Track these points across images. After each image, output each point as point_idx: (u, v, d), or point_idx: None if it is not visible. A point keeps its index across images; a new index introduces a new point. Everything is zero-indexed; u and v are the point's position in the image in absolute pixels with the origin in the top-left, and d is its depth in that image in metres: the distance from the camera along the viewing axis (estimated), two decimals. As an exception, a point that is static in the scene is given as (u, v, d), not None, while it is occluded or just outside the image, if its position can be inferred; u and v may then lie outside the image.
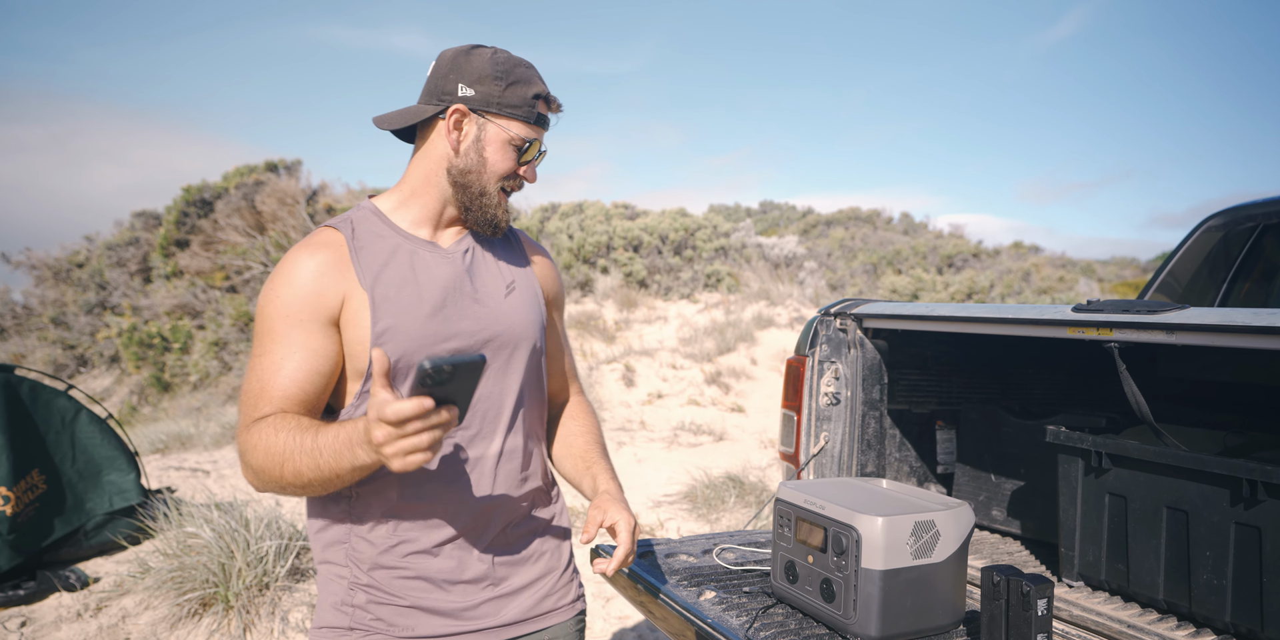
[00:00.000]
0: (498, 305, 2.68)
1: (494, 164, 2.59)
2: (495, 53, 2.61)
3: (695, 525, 8.88)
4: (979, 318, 3.55)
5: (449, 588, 2.59)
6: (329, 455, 2.18)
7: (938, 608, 2.92)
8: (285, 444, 2.24)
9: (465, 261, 2.68)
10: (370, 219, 2.64)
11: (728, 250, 27.41)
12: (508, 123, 2.57)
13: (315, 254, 2.50)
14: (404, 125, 2.64)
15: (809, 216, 48.47)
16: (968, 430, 4.48)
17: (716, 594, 3.35)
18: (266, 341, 2.44)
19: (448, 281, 2.61)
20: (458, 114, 2.57)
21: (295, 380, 2.40)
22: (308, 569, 6.54)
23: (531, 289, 2.82)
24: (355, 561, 2.59)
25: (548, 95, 2.62)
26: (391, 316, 2.48)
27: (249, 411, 2.38)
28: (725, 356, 18.68)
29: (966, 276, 28.88)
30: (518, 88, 2.57)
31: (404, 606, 2.56)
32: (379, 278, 2.51)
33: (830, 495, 3.06)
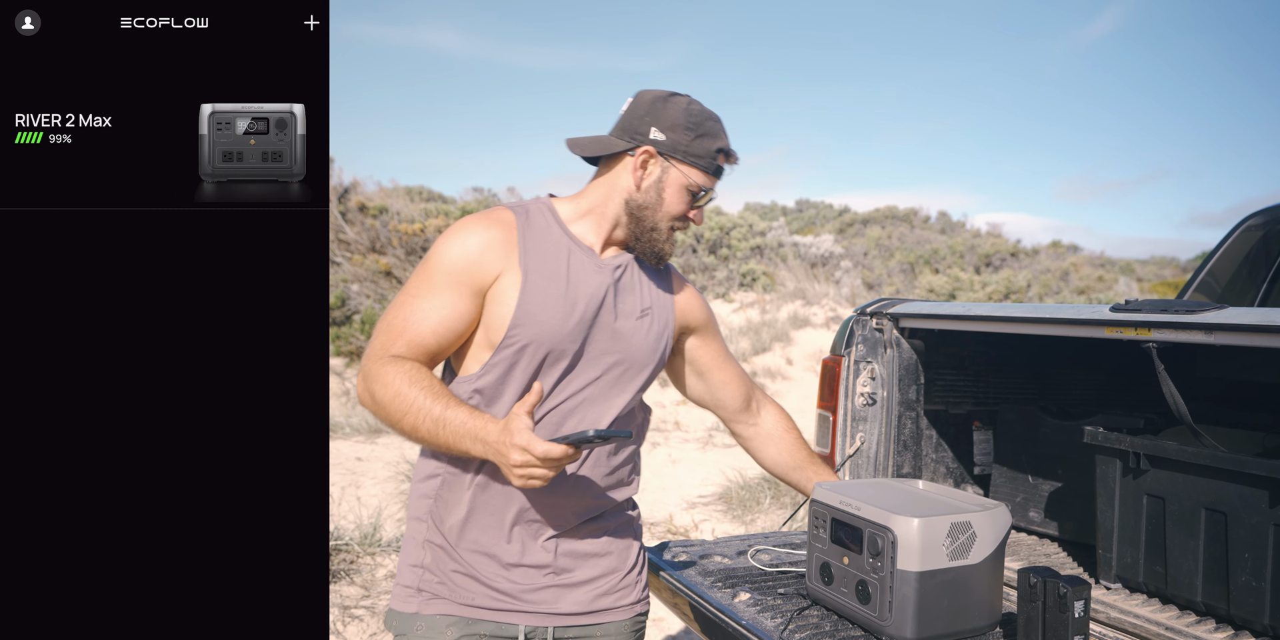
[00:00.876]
0: (627, 325, 2.85)
1: (669, 205, 2.83)
2: (690, 103, 2.83)
3: (730, 527, 8.85)
4: (1016, 317, 3.56)
5: (510, 569, 2.73)
6: (450, 432, 2.46)
7: (974, 609, 2.91)
8: (416, 400, 2.50)
9: (614, 275, 2.85)
10: (545, 213, 2.87)
11: (763, 249, 27.40)
12: (689, 170, 2.81)
13: (490, 228, 2.75)
14: (597, 155, 2.89)
15: (845, 215, 48.29)
16: (1005, 431, 4.47)
17: (751, 596, 3.35)
18: (424, 287, 2.68)
19: (594, 288, 2.79)
20: (646, 155, 2.80)
21: (435, 331, 2.65)
22: (339, 570, 6.54)
23: (664, 318, 2.98)
24: (435, 519, 2.79)
25: (729, 150, 2.86)
26: (535, 304, 2.68)
27: (386, 342, 2.65)
28: (761, 356, 18.68)
29: (1004, 276, 28.78)
30: (704, 140, 2.80)
31: (465, 574, 2.72)
32: (535, 265, 2.72)
33: (866, 496, 3.06)
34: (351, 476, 9.65)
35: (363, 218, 24.26)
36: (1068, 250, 40.95)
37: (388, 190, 28.21)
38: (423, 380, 2.53)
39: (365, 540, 6.92)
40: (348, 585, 6.41)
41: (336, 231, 23.94)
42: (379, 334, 2.68)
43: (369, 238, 23.78)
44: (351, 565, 6.66)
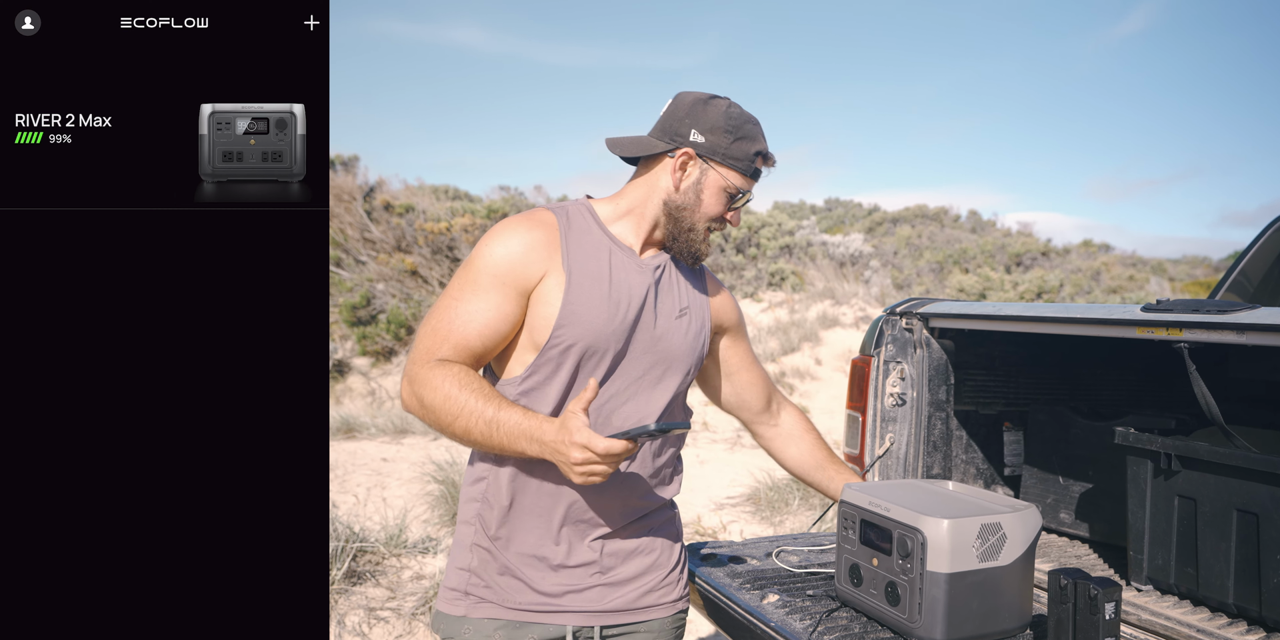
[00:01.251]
0: (667, 324, 2.89)
1: (707, 206, 2.87)
2: (730, 106, 2.86)
3: (758, 528, 8.85)
4: (1046, 317, 3.57)
5: (558, 570, 2.78)
6: (504, 434, 2.51)
7: (1004, 611, 2.91)
8: (467, 402, 2.53)
9: (655, 275, 2.89)
10: (584, 215, 2.91)
11: (792, 248, 27.38)
12: (728, 172, 2.85)
13: (533, 229, 2.78)
14: (636, 155, 2.92)
15: (875, 214, 48.27)
16: (1035, 432, 4.47)
17: (780, 597, 3.35)
18: (468, 290, 2.71)
19: (636, 288, 2.83)
20: (685, 156, 2.84)
21: (481, 333, 2.69)
22: (364, 572, 6.56)
23: (701, 318, 3.03)
24: (482, 522, 2.85)
25: (767, 153, 2.90)
26: (579, 304, 2.71)
27: (431, 346, 2.68)
28: (789, 356, 18.67)
29: (1035, 275, 28.70)
30: (744, 143, 2.84)
31: (512, 577, 2.76)
32: (578, 266, 2.76)
33: (895, 497, 3.06)
34: (377, 477, 9.66)
35: (388, 216, 24.29)
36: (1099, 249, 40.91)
37: (413, 189, 28.24)
38: (472, 383, 2.56)
39: (391, 541, 6.93)
40: (373, 587, 6.43)
41: (362, 230, 23.97)
42: (423, 338, 2.70)
43: (395, 237, 23.81)
44: (377, 567, 6.67)
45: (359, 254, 23.69)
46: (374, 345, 20.69)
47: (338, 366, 20.79)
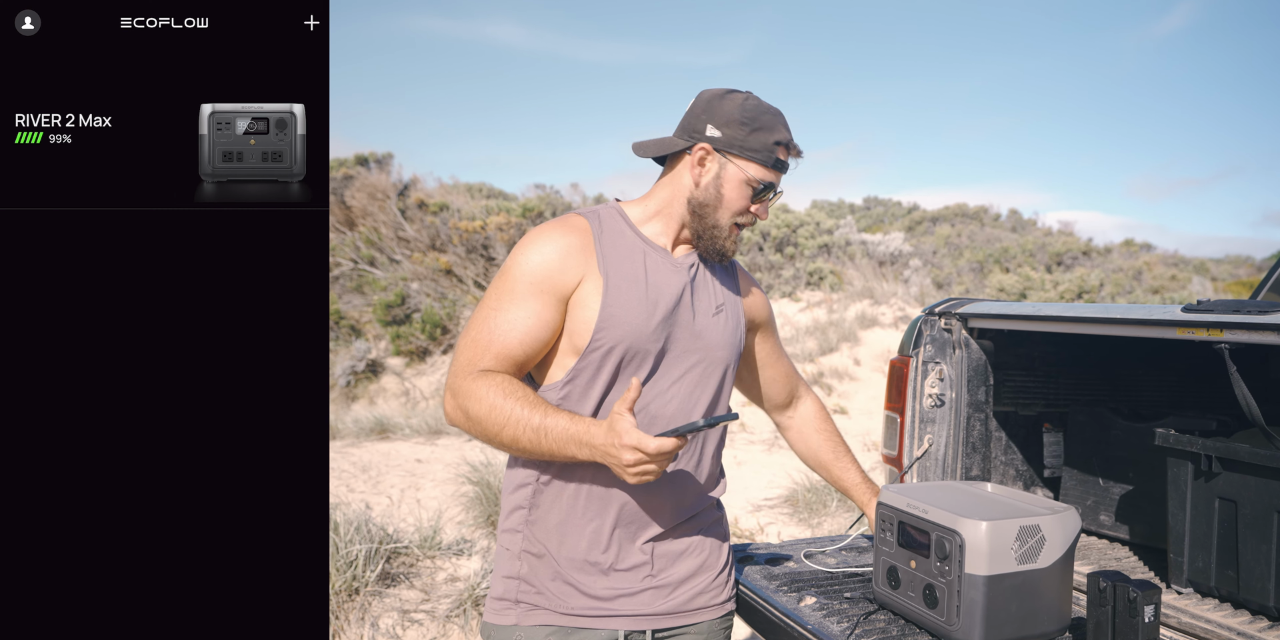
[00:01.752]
0: (705, 322, 2.91)
1: (729, 201, 2.84)
2: (747, 99, 2.86)
3: (796, 530, 8.84)
4: (1086, 318, 3.57)
5: (609, 573, 2.78)
6: (553, 440, 2.52)
7: (1043, 614, 2.91)
8: (513, 411, 2.55)
9: (689, 274, 2.91)
10: (616, 218, 2.92)
11: (831, 247, 27.33)
12: (747, 164, 2.82)
13: (567, 235, 2.80)
14: (659, 155, 2.95)
15: (914, 213, 48.21)
16: (1075, 433, 4.47)
17: (817, 600, 3.36)
18: (505, 299, 2.72)
19: (672, 288, 2.85)
20: (703, 151, 2.84)
21: (522, 341, 2.70)
22: (398, 574, 6.56)
23: (736, 314, 3.05)
24: (529, 529, 2.84)
25: (789, 142, 2.87)
26: (617, 306, 2.73)
27: (472, 358, 2.69)
28: (828, 356, 18.64)
29: (1076, 275, 28.58)
30: (760, 134, 2.81)
31: (564, 582, 2.77)
32: (614, 268, 2.78)
33: (934, 499, 3.06)
34: (411, 478, 9.68)
35: (422, 215, 24.31)
36: (1140, 249, 40.74)
37: (448, 187, 28.26)
38: (516, 391, 2.57)
39: (425, 543, 6.94)
40: (407, 589, 6.44)
41: (396, 229, 24.01)
42: (463, 350, 2.72)
43: (429, 235, 23.84)
44: (411, 569, 6.68)
45: (393, 253, 23.72)
46: (408, 345, 20.71)
47: (371, 366, 20.80)
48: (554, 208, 24.94)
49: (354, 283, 23.99)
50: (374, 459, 10.64)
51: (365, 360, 20.69)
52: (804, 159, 2.95)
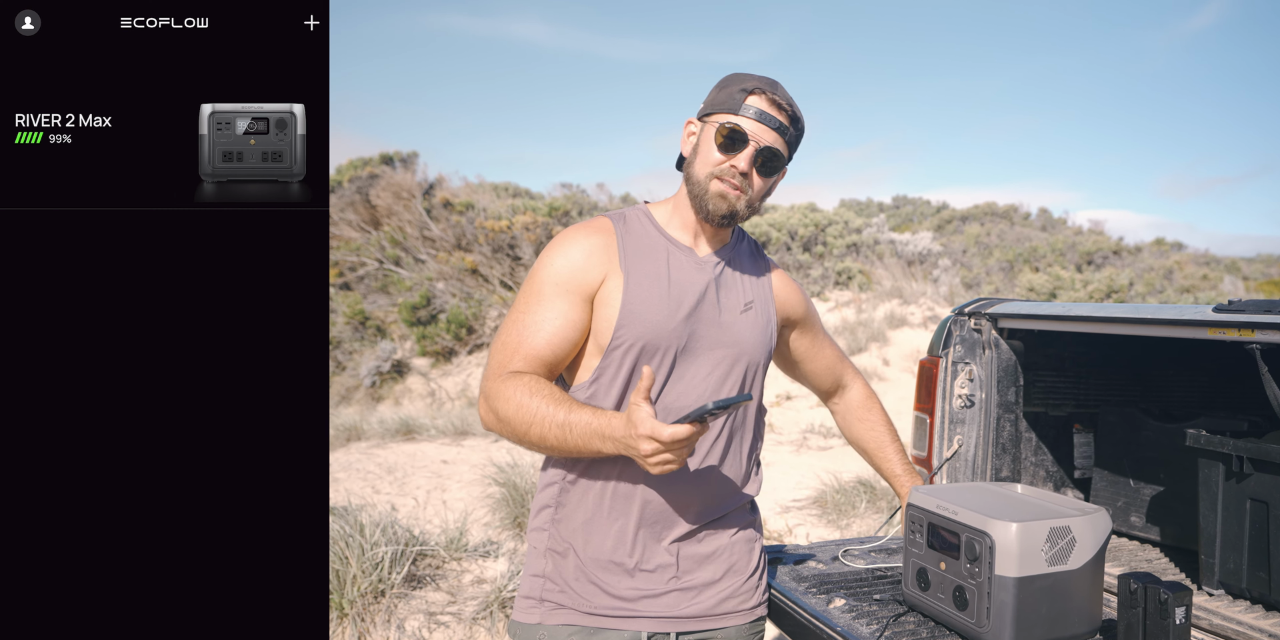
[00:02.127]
0: (733, 319, 2.91)
1: (704, 155, 2.81)
2: (737, 73, 2.90)
3: (825, 531, 8.83)
4: (1117, 318, 3.58)
5: (634, 574, 2.78)
6: (577, 435, 2.52)
7: (1073, 616, 2.91)
8: (538, 409, 2.55)
9: (715, 272, 2.92)
10: (641, 218, 2.96)
11: (859, 247, 27.28)
12: (717, 116, 2.80)
13: (591, 236, 2.85)
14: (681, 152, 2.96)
15: (943, 212, 48.04)
16: (1106, 434, 4.47)
17: (846, 601, 3.36)
18: (533, 302, 2.77)
19: (696, 286, 2.86)
20: (689, 125, 2.92)
21: (550, 342, 2.73)
22: (424, 576, 6.57)
23: (766, 311, 3.03)
24: (556, 527, 2.86)
25: (754, 88, 2.80)
26: (638, 303, 2.76)
27: (503, 360, 2.73)
28: (857, 356, 18.61)
29: (1106, 275, 28.49)
30: (728, 88, 2.83)
31: (588, 582, 2.78)
32: (635, 266, 2.82)
33: (963, 500, 3.07)
34: (437, 479, 9.71)
35: (448, 214, 24.34)
36: (1171, 248, 40.56)
37: (474, 186, 28.27)
38: (542, 389, 2.58)
39: (451, 545, 6.94)
40: (434, 591, 6.44)
41: (421, 228, 24.04)
42: (495, 354, 2.75)
43: (454, 235, 23.87)
44: (437, 571, 6.68)
45: (418, 252, 23.75)
46: (434, 345, 20.76)
47: (397, 367, 20.84)
48: (580, 207, 24.95)
49: (379, 283, 24.03)
50: (400, 460, 10.67)
51: (390, 361, 20.73)
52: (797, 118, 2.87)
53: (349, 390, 21.10)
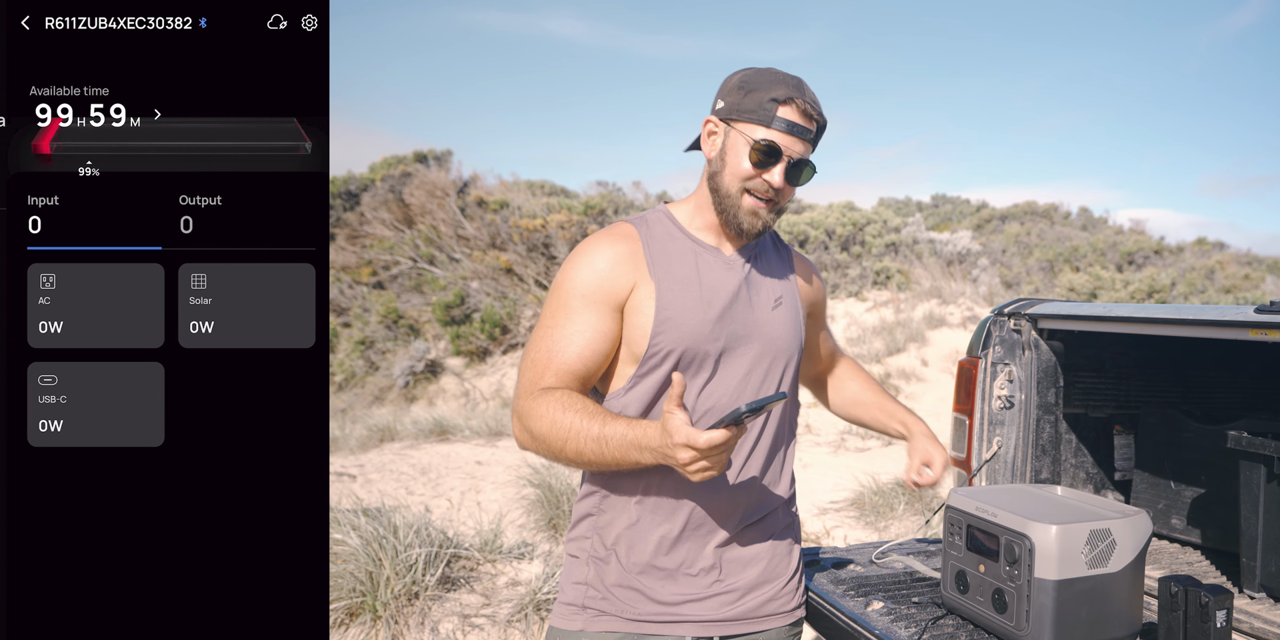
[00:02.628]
0: (765, 316, 2.88)
1: (733, 166, 2.75)
2: (755, 69, 2.81)
3: (863, 533, 8.83)
4: (1158, 319, 3.57)
5: (676, 579, 2.77)
6: (614, 448, 2.48)
7: (1113, 619, 2.91)
8: (573, 424, 2.52)
9: (743, 270, 2.88)
10: (663, 221, 2.91)
11: (898, 246, 27.25)
12: (746, 127, 2.74)
13: (615, 244, 2.79)
14: (692, 146, 2.95)
15: (983, 211, 47.96)
16: (1146, 435, 4.46)
17: (884, 604, 3.36)
18: (560, 315, 2.73)
19: (728, 286, 2.82)
20: (710, 124, 2.83)
21: (581, 355, 2.69)
22: (459, 578, 6.57)
23: (794, 305, 3.01)
24: (598, 534, 2.84)
25: (786, 97, 2.72)
26: (673, 309, 2.72)
27: (534, 377, 2.69)
28: (895, 357, 18.60)
29: (1147, 274, 28.39)
30: (755, 94, 2.73)
31: (630, 588, 2.76)
32: (666, 272, 2.77)
33: (1003, 502, 3.07)
34: (471, 481, 9.72)
35: (482, 213, 24.37)
36: (1213, 248, 40.40)
37: (508, 184, 28.33)
38: (575, 403, 2.56)
39: (485, 547, 6.94)
40: (468, 593, 6.44)
41: (455, 227, 24.07)
42: (525, 372, 2.72)
43: (489, 233, 23.89)
44: (471, 573, 6.68)
45: (452, 251, 23.79)
46: (468, 345, 20.79)
47: (431, 367, 20.87)
48: (616, 205, 24.96)
49: (413, 282, 24.07)
50: (433, 461, 10.69)
51: (424, 360, 20.77)
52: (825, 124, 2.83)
53: (382, 390, 21.15)
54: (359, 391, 21.71)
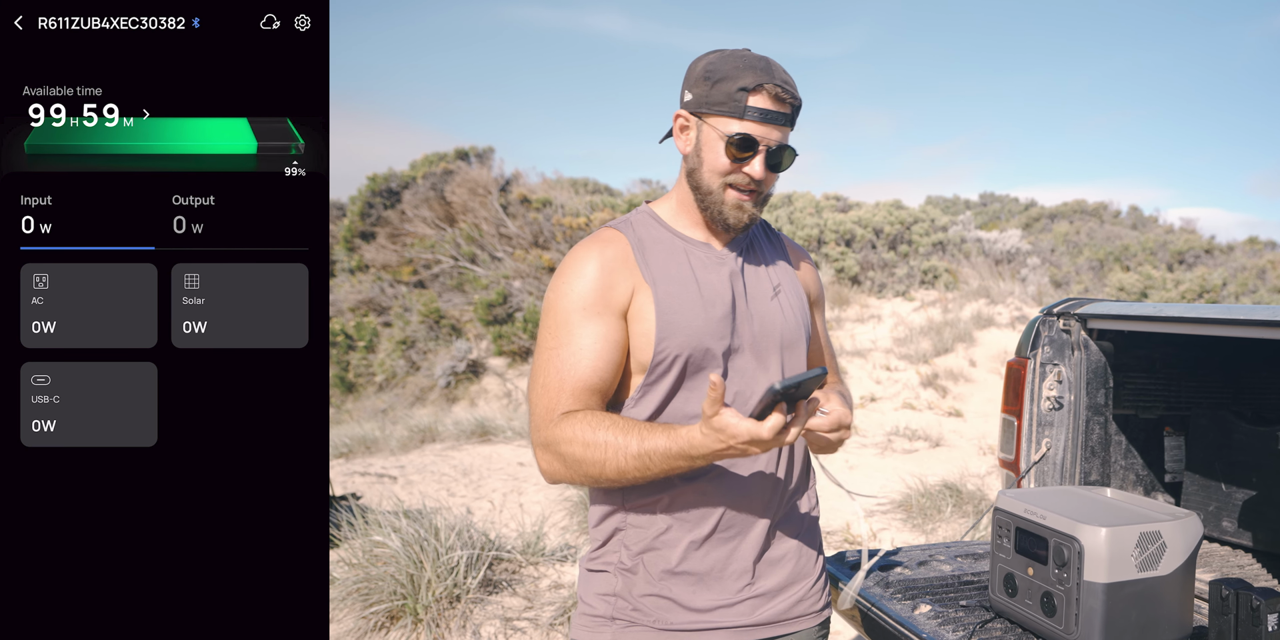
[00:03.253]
0: (764, 307, 2.81)
1: (710, 162, 2.66)
2: (720, 54, 2.70)
3: (910, 536, 8.81)
4: (1209, 319, 3.56)
5: (707, 584, 2.72)
6: (658, 462, 2.41)
7: (1163, 623, 2.91)
8: (608, 443, 2.44)
9: (737, 263, 2.81)
10: (648, 222, 2.83)
11: (945, 245, 27.17)
12: (718, 120, 2.64)
13: (604, 249, 2.70)
14: (666, 136, 2.83)
15: (1031, 209, 47.82)
16: (1197, 437, 4.45)
17: (932, 607, 3.36)
18: (562, 334, 2.63)
19: (724, 282, 2.76)
20: (680, 119, 2.74)
21: (595, 369, 2.60)
22: (500, 581, 6.58)
23: (796, 293, 2.94)
24: (623, 544, 2.75)
25: (755, 85, 2.60)
26: (673, 313, 2.64)
27: (550, 405, 2.59)
28: (942, 358, 18.53)
29: (1198, 274, 28.27)
30: (723, 84, 2.62)
31: (660, 596, 2.71)
32: (660, 275, 2.69)
33: (1051, 504, 3.07)
34: (514, 483, 9.73)
35: (525, 211, 24.38)
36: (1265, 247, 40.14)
37: (551, 182, 28.34)
38: (603, 421, 2.48)
39: (528, 549, 6.94)
40: (510, 596, 6.46)
41: (498, 225, 24.09)
42: (537, 401, 2.64)
43: (532, 232, 23.90)
44: (514, 576, 6.69)
45: (494, 250, 23.81)
46: (510, 345, 20.80)
47: (472, 367, 20.89)
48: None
49: (454, 281, 24.10)
50: (475, 462, 10.71)
51: (466, 360, 20.79)
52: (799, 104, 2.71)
53: (423, 391, 21.17)
54: (400, 392, 21.71)
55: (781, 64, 2.70)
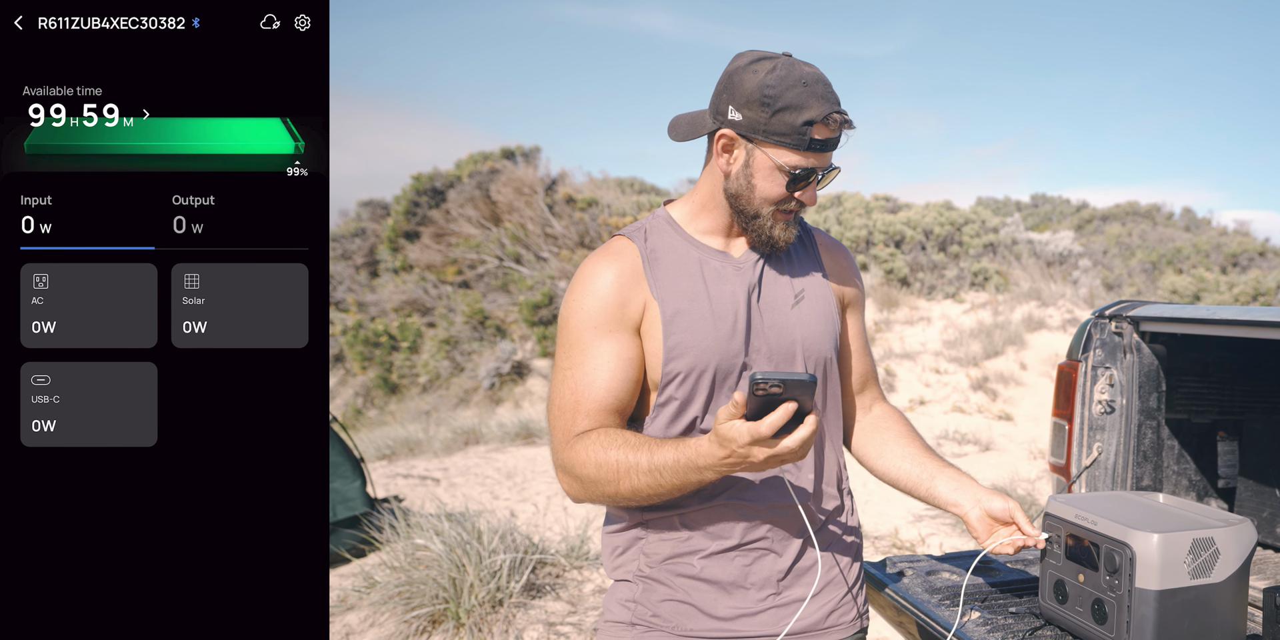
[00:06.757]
0: (784, 317, 2.75)
1: (762, 190, 2.61)
2: (772, 71, 2.54)
3: (959, 541, 8.77)
4: (1263, 322, 3.53)
5: (733, 591, 2.69)
6: (670, 477, 2.41)
7: (1216, 631, 2.87)
8: (619, 460, 2.44)
9: (755, 272, 2.75)
10: (663, 228, 2.79)
11: (996, 247, 27.09)
12: (775, 151, 2.56)
13: (613, 263, 2.68)
14: (689, 139, 2.74)
15: (1083, 211, 47.71)
16: (1252, 442, 4.42)
17: (981, 614, 3.34)
18: (575, 353, 2.63)
19: (739, 294, 2.70)
20: (725, 138, 2.62)
21: (610, 389, 2.59)
22: (544, 585, 6.58)
23: (823, 298, 2.86)
24: (645, 551, 2.74)
25: (822, 118, 2.53)
26: (683, 331, 2.62)
27: (566, 426, 2.60)
28: (992, 360, 18.48)
29: (1252, 277, 28.16)
30: (785, 115, 2.52)
31: (682, 603, 2.68)
32: (669, 290, 2.66)
33: (1103, 510, 3.03)
34: (558, 485, 9.73)
35: (570, 211, 24.42)
36: (1320, 250, 39.99)
37: (597, 181, 28.36)
38: (614, 439, 2.49)
39: (572, 553, 6.96)
40: (553, 600, 6.47)
41: (543, 225, 24.14)
42: (555, 422, 2.64)
43: (577, 232, 23.94)
44: (557, 580, 6.69)
45: (540, 250, 23.85)
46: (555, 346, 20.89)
47: (517, 368, 20.94)
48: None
49: (499, 281, 24.16)
50: (519, 464, 10.73)
51: (510, 362, 20.84)
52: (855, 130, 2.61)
53: (467, 392, 21.23)
54: (444, 393, 21.77)
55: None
